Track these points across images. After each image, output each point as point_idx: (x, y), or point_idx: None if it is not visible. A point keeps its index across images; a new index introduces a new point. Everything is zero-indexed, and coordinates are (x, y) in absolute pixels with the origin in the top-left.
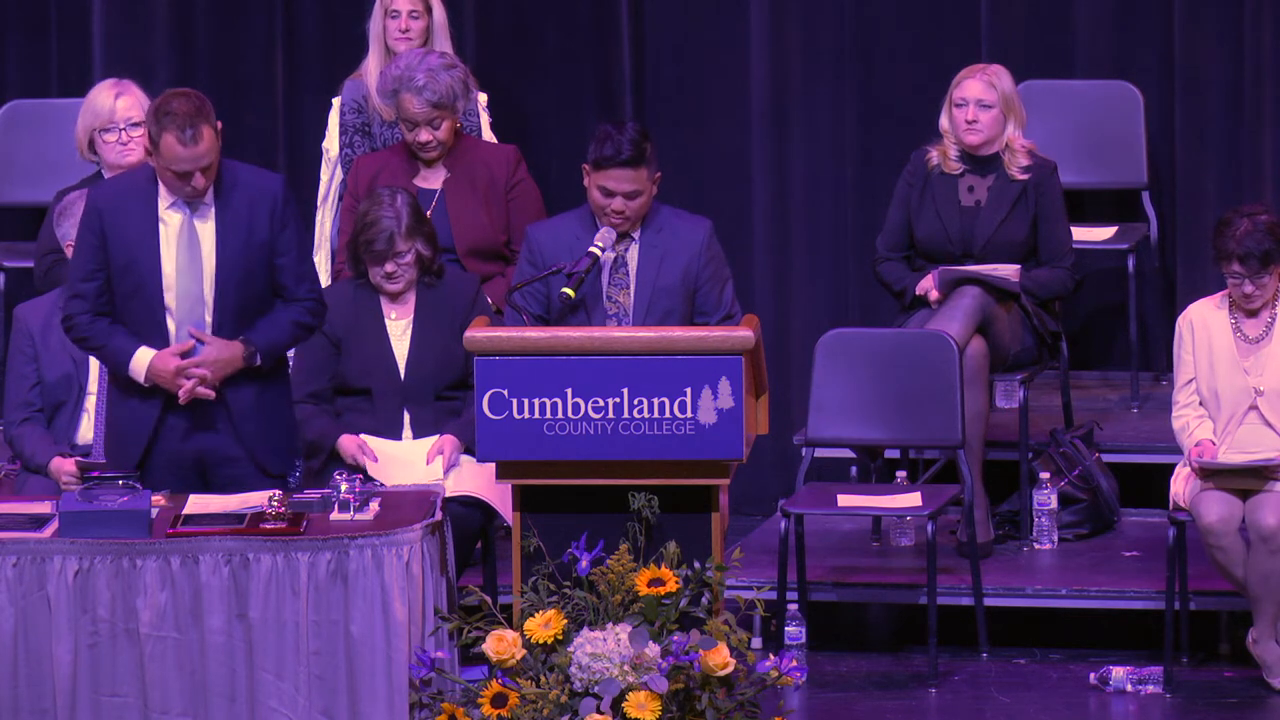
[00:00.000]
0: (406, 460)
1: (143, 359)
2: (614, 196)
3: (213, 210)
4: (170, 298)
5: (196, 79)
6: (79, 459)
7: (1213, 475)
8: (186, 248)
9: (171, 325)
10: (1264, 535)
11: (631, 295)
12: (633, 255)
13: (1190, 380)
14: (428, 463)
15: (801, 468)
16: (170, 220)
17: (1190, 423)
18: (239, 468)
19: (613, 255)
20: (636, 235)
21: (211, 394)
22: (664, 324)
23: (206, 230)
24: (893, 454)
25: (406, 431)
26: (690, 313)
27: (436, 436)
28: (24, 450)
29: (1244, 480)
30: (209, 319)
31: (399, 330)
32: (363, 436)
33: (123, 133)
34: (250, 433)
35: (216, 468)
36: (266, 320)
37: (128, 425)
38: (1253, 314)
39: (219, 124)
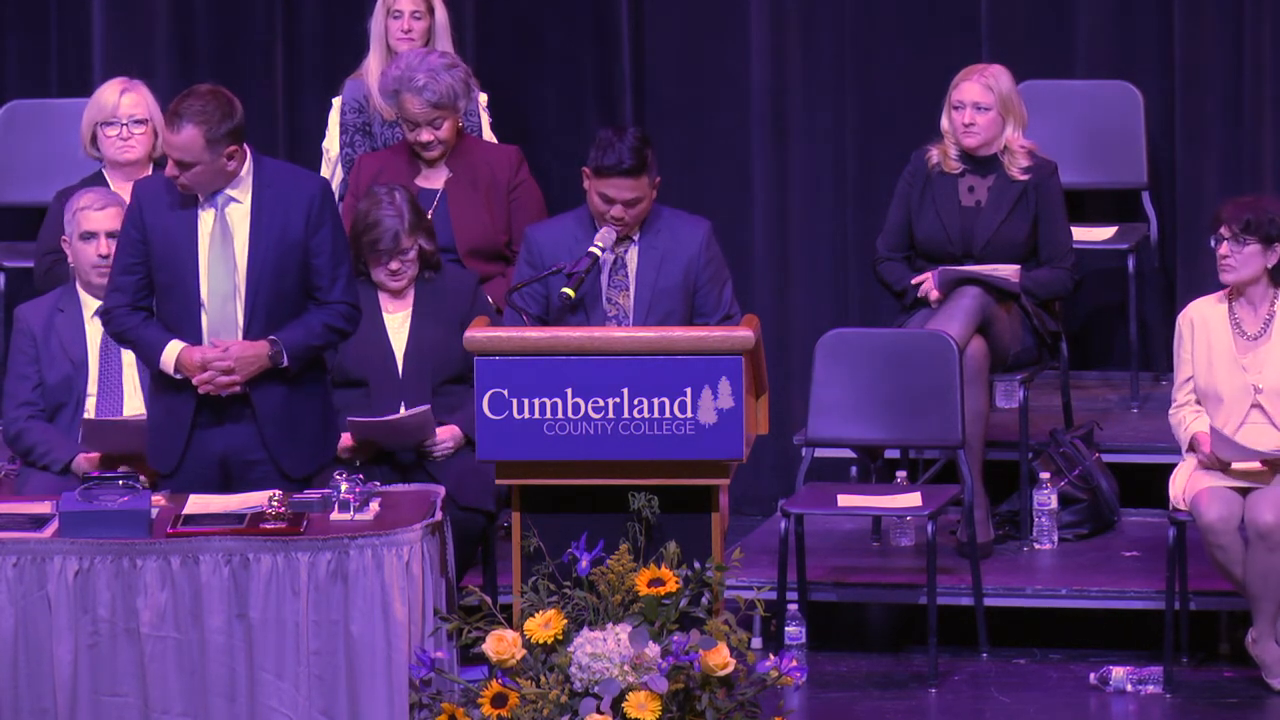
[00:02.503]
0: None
1: (173, 351)
2: (614, 204)
3: (247, 207)
4: (204, 292)
5: (196, 79)
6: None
7: (1222, 465)
8: (220, 243)
9: (205, 320)
10: (1261, 532)
11: (631, 297)
12: (632, 257)
13: (1189, 379)
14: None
15: (801, 468)
16: (205, 216)
17: (1186, 417)
18: (260, 470)
19: (612, 256)
20: (636, 237)
21: (235, 385)
22: (664, 325)
23: (240, 226)
24: (893, 454)
25: None
26: (690, 313)
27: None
28: (35, 447)
29: (1248, 476)
30: (240, 316)
31: (396, 323)
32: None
33: (124, 128)
34: (273, 436)
35: (239, 469)
36: (297, 322)
37: (165, 424)
38: (1238, 295)
39: (228, 144)
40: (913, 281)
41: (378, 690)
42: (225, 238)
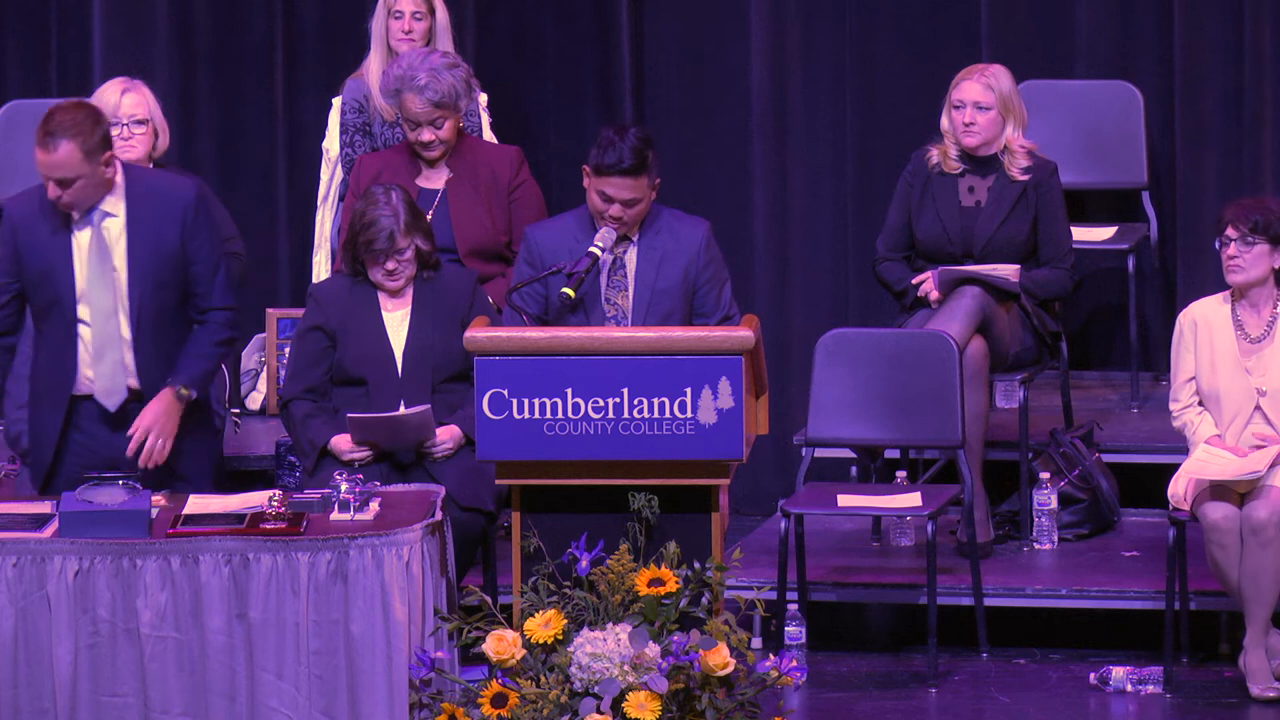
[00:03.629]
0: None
1: None
2: (612, 203)
3: (123, 222)
4: (83, 310)
5: (196, 79)
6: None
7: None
8: (97, 261)
9: (86, 334)
10: (1254, 528)
11: (630, 297)
12: (631, 257)
13: (1190, 379)
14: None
15: (801, 468)
16: (81, 233)
17: (1193, 420)
18: (155, 474)
19: (611, 256)
20: (635, 237)
21: (165, 447)
22: (663, 325)
23: (117, 242)
24: (893, 454)
25: None
26: (689, 314)
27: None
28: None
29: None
30: (126, 331)
31: (396, 322)
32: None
33: (125, 128)
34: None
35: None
36: (187, 354)
37: (41, 429)
38: (1241, 297)
39: (103, 151)
40: (913, 281)
41: (378, 690)
42: (103, 254)
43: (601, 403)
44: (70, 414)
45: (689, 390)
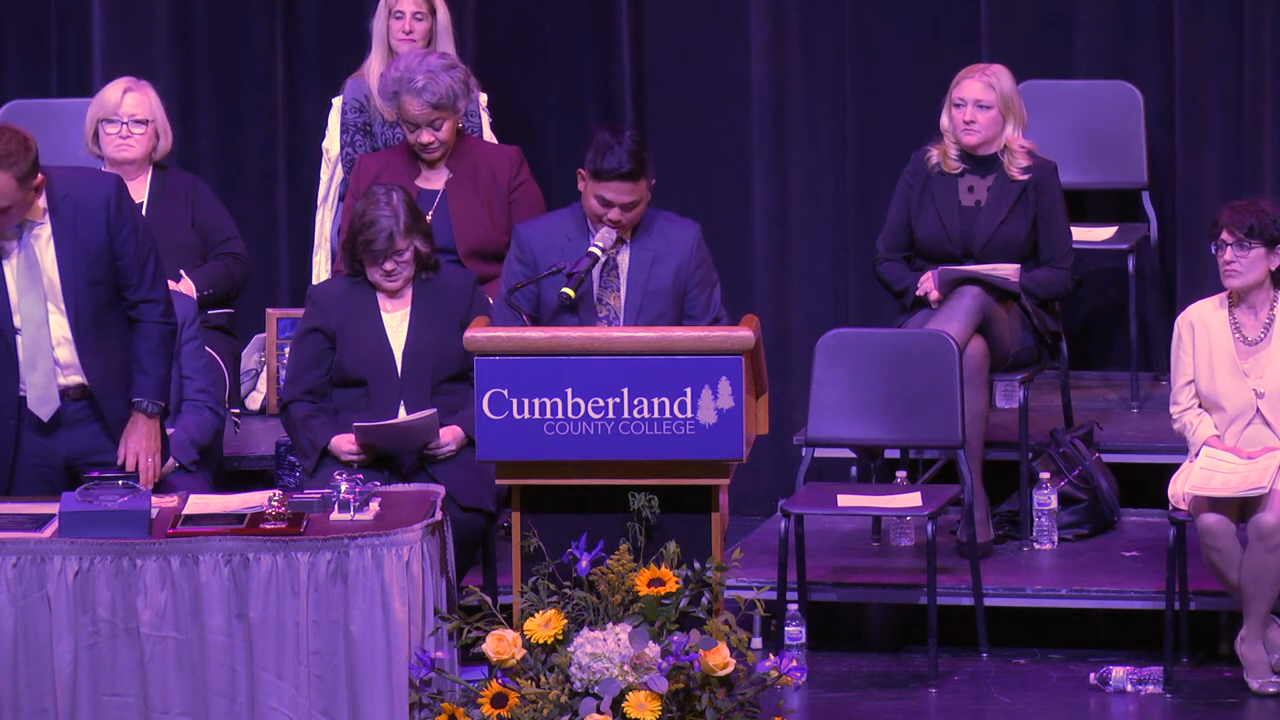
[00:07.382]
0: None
1: None
2: (612, 207)
3: (48, 229)
4: (17, 320)
5: (196, 79)
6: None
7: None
8: (26, 271)
9: (20, 345)
10: (1262, 533)
11: (622, 298)
12: (624, 258)
13: (1189, 382)
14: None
15: (801, 468)
16: (8, 247)
17: (1192, 421)
18: (111, 471)
19: (606, 257)
20: (628, 239)
21: (156, 466)
22: (656, 326)
23: (45, 250)
24: (893, 454)
25: None
26: (679, 315)
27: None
28: None
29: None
30: (69, 332)
31: (395, 322)
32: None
33: (124, 127)
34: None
35: (84, 466)
36: (140, 370)
37: None
38: (1239, 300)
39: (34, 175)
40: (919, 292)
41: (378, 690)
42: (31, 265)
43: (601, 403)
44: (20, 418)
45: (689, 390)
